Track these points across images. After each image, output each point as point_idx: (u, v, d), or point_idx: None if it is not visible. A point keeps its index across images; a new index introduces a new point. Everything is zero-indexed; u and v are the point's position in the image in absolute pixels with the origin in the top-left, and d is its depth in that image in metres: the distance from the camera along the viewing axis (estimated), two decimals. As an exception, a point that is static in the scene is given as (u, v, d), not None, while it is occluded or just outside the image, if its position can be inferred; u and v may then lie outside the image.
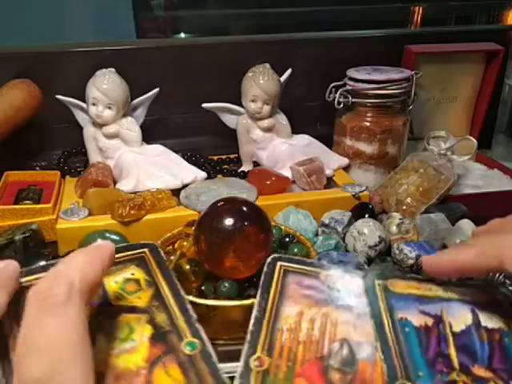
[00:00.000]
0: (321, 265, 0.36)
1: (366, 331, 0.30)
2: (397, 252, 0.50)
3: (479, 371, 0.30)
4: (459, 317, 0.34)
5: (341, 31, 0.82)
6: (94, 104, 0.60)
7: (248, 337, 0.28)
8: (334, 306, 0.32)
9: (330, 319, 0.31)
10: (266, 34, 0.81)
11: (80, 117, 0.65)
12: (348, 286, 0.34)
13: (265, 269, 0.34)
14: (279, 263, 0.34)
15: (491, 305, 0.35)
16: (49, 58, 0.68)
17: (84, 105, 0.63)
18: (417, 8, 1.09)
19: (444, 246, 0.52)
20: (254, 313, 0.30)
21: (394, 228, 0.54)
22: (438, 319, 0.33)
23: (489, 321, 0.34)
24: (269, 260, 0.34)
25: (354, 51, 0.74)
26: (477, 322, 0.34)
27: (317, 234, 0.54)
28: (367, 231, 0.51)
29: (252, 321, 0.29)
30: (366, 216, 0.55)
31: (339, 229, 0.53)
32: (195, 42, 0.79)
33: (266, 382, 0.26)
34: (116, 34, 0.99)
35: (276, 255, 0.35)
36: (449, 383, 0.28)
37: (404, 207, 0.59)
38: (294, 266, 0.34)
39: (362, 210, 0.56)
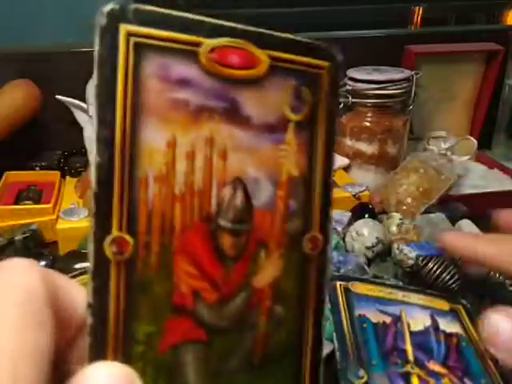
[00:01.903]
0: (203, 26, 0.18)
1: (267, 156, 0.20)
2: (397, 252, 0.50)
3: (434, 367, 0.30)
4: (418, 319, 0.35)
5: (340, 31, 0.82)
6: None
7: (93, 205, 0.17)
8: (224, 116, 0.19)
9: (217, 145, 0.19)
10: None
11: (80, 117, 0.65)
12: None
13: (96, 43, 0.16)
14: (123, 27, 0.17)
15: (450, 313, 0.36)
16: (49, 58, 0.68)
17: (84, 105, 0.63)
18: (417, 8, 1.09)
19: (444, 246, 0.52)
20: (96, 157, 0.17)
21: (394, 228, 0.54)
22: (397, 318, 0.34)
23: (447, 326, 0.35)
24: (102, 21, 0.16)
25: (354, 51, 0.73)
26: (435, 326, 0.35)
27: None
28: (366, 232, 0.51)
29: (94, 174, 0.16)
30: (366, 216, 0.55)
31: (339, 229, 0.53)
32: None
33: (134, 276, 0.17)
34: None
35: (116, 6, 0.17)
36: (403, 374, 0.29)
37: (404, 207, 0.59)
38: (151, 31, 0.17)
39: (362, 210, 0.56)
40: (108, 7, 0.16)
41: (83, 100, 0.62)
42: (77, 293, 0.17)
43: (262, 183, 0.20)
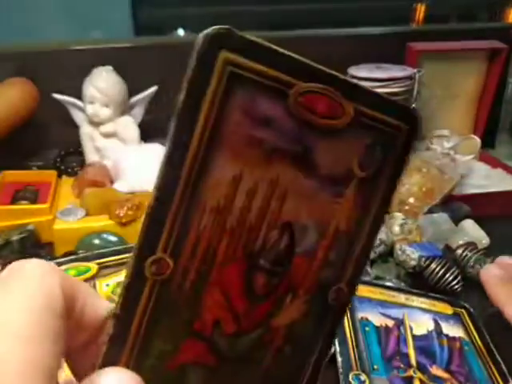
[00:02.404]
0: (302, 68, 0.18)
1: (322, 206, 0.20)
2: (399, 253, 0.49)
3: (437, 371, 0.30)
4: (421, 323, 0.35)
5: (343, 29, 0.81)
6: (91, 102, 0.60)
7: (145, 224, 0.17)
8: (293, 160, 0.19)
9: (279, 187, 0.19)
10: (265, 31, 0.81)
11: (76, 116, 0.65)
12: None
13: (192, 64, 0.16)
14: (223, 54, 0.16)
15: (453, 317, 0.36)
16: (46, 56, 0.67)
17: (81, 103, 0.62)
18: (419, 5, 1.08)
19: (447, 247, 0.51)
20: (159, 178, 0.17)
21: (396, 228, 0.53)
22: (399, 322, 0.34)
23: (450, 330, 0.35)
24: (205, 45, 0.16)
25: (356, 49, 0.73)
26: (438, 330, 0.35)
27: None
28: (368, 232, 0.50)
29: (154, 192, 0.17)
30: (368, 216, 0.54)
31: (341, 229, 0.53)
32: (194, 40, 0.78)
33: (165, 297, 0.18)
34: (114, 31, 0.98)
35: (222, 31, 0.16)
36: (405, 379, 0.29)
37: (407, 207, 0.58)
38: (253, 64, 0.17)
39: (363, 210, 0.56)
40: (212, 30, 0.16)
41: (80, 99, 0.62)
42: (94, 300, 0.17)
43: (309, 231, 0.20)
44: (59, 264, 0.30)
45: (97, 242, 0.49)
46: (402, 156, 0.20)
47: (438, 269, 0.46)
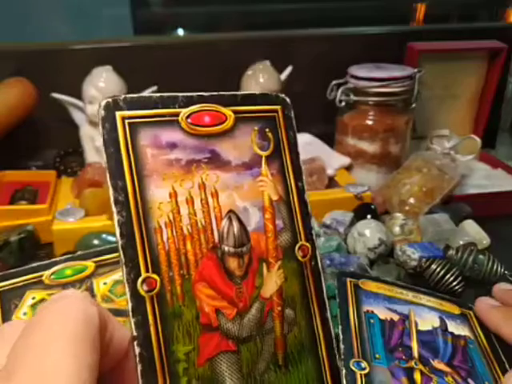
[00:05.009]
0: (178, 99, 0.24)
1: (250, 188, 0.24)
2: (400, 253, 0.49)
3: (439, 365, 0.31)
4: (427, 319, 0.35)
5: (343, 28, 0.81)
6: (90, 102, 0.59)
7: (121, 255, 0.21)
8: (209, 164, 0.24)
9: (208, 188, 0.23)
10: (266, 30, 0.80)
11: (76, 116, 0.64)
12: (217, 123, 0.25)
13: (100, 130, 0.22)
14: (118, 114, 0.22)
15: (460, 317, 0.36)
16: (45, 55, 0.67)
17: (81, 103, 0.62)
18: (419, 5, 1.08)
19: (448, 247, 0.51)
20: (116, 216, 0.21)
21: (396, 229, 0.53)
22: (405, 317, 0.34)
23: (456, 329, 0.35)
24: (102, 113, 0.22)
25: (356, 48, 0.73)
26: (444, 327, 0.35)
27: (318, 236, 0.53)
28: (368, 233, 0.49)
29: (118, 230, 0.21)
30: (369, 217, 0.54)
31: (341, 230, 0.52)
32: (194, 39, 0.78)
33: (166, 306, 0.21)
34: (113, 31, 0.98)
35: (109, 99, 0.22)
36: (406, 369, 0.29)
37: (407, 208, 0.58)
38: (139, 113, 0.23)
39: (364, 210, 0.55)
40: (104, 101, 0.22)
41: (80, 99, 0.61)
42: (121, 328, 0.19)
43: (250, 211, 0.24)
44: (56, 263, 0.30)
45: (96, 242, 0.49)
46: (288, 127, 0.26)
47: (438, 269, 0.46)
